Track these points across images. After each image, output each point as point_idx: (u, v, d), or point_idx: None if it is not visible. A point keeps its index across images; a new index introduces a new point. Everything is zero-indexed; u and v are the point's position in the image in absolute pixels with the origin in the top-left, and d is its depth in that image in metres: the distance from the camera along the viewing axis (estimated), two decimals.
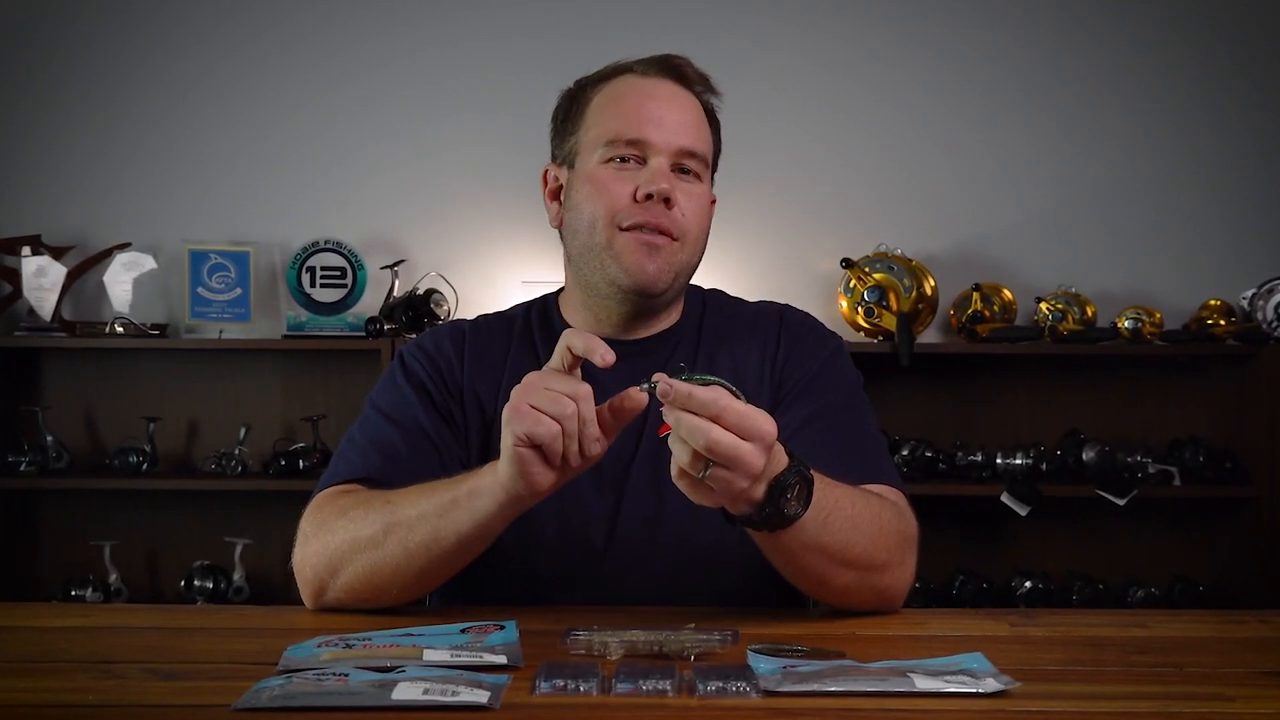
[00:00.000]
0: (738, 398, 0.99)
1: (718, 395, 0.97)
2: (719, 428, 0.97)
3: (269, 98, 3.37)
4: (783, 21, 3.36)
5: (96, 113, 3.36)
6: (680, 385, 0.98)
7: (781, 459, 1.05)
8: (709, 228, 1.38)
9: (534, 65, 3.21)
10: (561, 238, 1.39)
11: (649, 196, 1.29)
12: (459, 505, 1.13)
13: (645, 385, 1.01)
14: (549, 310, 1.44)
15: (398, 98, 3.36)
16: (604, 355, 1.03)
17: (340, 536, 1.20)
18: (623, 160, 1.32)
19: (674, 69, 1.36)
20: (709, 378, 1.00)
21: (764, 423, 0.99)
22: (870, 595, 1.20)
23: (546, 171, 1.42)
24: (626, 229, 1.30)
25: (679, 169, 1.33)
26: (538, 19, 3.33)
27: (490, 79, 3.34)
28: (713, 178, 1.42)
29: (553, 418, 1.03)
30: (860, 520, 1.14)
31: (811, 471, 1.08)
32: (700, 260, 1.38)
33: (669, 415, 0.99)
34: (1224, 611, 1.36)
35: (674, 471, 1.02)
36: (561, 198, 1.39)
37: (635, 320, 1.37)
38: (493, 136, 3.29)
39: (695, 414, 0.97)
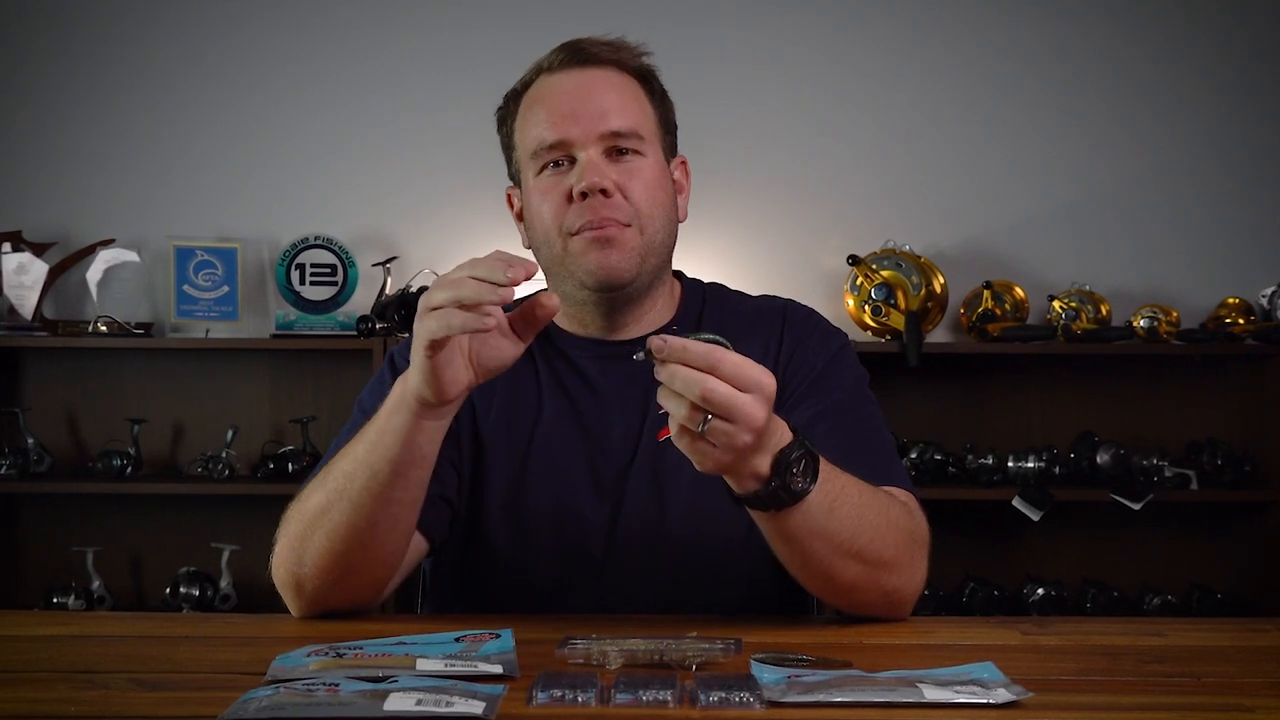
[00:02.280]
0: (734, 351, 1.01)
1: (712, 348, 0.99)
2: (714, 378, 0.98)
3: (257, 89, 3.37)
4: (787, 12, 3.36)
5: (79, 105, 3.36)
6: (675, 340, 0.99)
7: (785, 433, 1.06)
8: (670, 198, 1.37)
9: (531, 56, 3.21)
10: (534, 256, 1.39)
11: (585, 195, 1.29)
12: (383, 432, 1.15)
13: (639, 353, 1.01)
14: None
15: (390, 89, 3.36)
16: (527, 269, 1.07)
17: (296, 521, 1.21)
18: (555, 165, 1.32)
19: (577, 53, 1.36)
20: (704, 335, 1.01)
21: (761, 375, 1.00)
22: (878, 595, 1.19)
23: (509, 195, 1.44)
24: (576, 233, 1.30)
25: (615, 151, 1.32)
26: (534, 8, 3.33)
27: (485, 70, 3.32)
28: (673, 139, 1.41)
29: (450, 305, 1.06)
30: (867, 510, 1.15)
31: (816, 450, 1.09)
32: (672, 234, 1.38)
33: (662, 372, 1.00)
34: (1243, 619, 1.36)
35: (673, 430, 1.02)
36: (524, 218, 1.40)
37: (622, 314, 1.37)
38: (488, 129, 3.26)
39: (690, 367, 0.99)
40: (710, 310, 1.43)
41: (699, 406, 0.99)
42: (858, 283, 3.17)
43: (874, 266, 3.15)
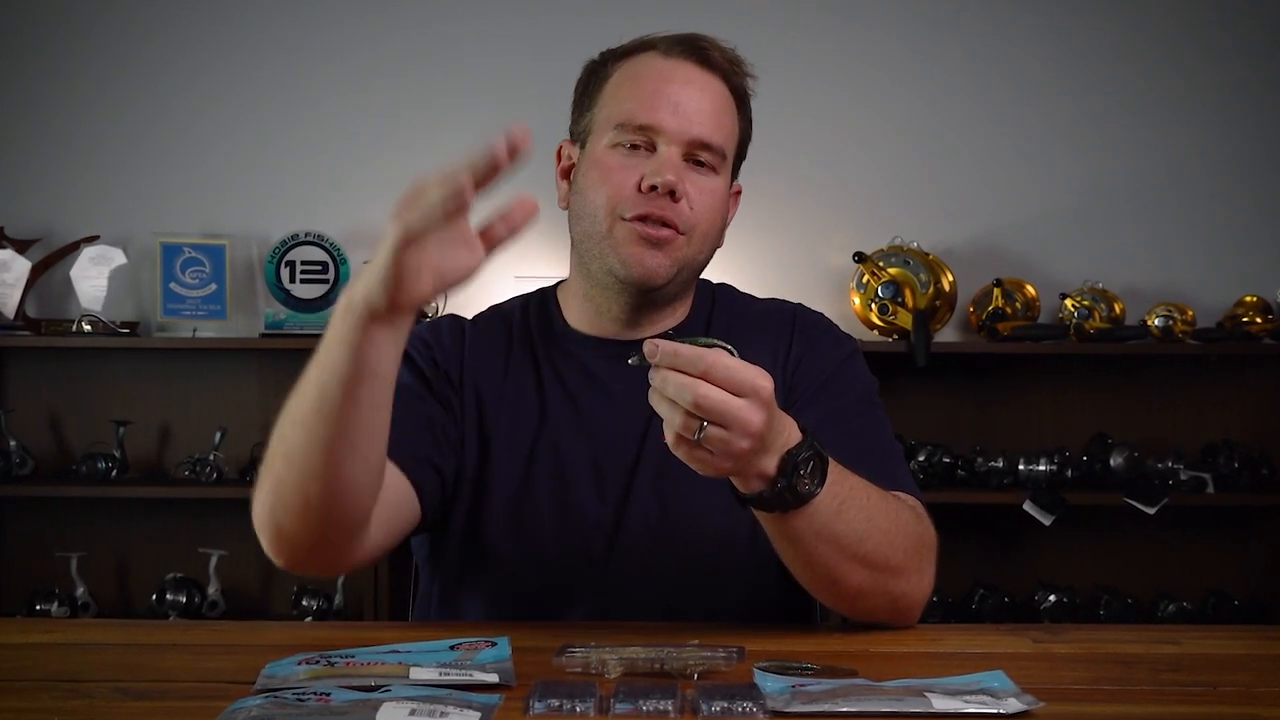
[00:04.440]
0: (732, 355, 1.00)
1: (704, 352, 0.98)
2: (706, 383, 0.98)
3: (246, 81, 3.37)
4: (792, 4, 3.36)
5: (63, 98, 3.36)
6: (666, 344, 0.99)
7: (795, 434, 1.06)
8: (723, 222, 1.38)
9: (528, 47, 3.21)
10: (568, 220, 1.39)
11: (654, 188, 1.29)
12: (329, 346, 1.08)
13: (632, 358, 1.01)
14: (548, 305, 1.44)
15: (382, 81, 3.36)
16: (512, 137, 0.99)
17: (266, 462, 1.18)
18: (632, 146, 1.31)
19: (698, 50, 1.35)
20: (700, 339, 1.01)
21: (756, 377, 1.00)
22: (885, 601, 1.20)
23: (561, 147, 1.41)
24: (629, 220, 1.30)
25: (692, 159, 1.32)
26: (529, 1, 3.34)
27: (481, 61, 3.34)
28: (738, 164, 1.42)
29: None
30: (876, 514, 1.15)
31: (826, 452, 1.08)
32: (710, 255, 1.38)
33: (655, 377, 0.99)
34: (1261, 627, 1.37)
35: (670, 439, 1.02)
36: (571, 177, 1.38)
37: (638, 314, 1.37)
38: (483, 123, 3.29)
39: (683, 372, 0.98)
40: (719, 311, 1.44)
41: (693, 413, 0.99)
42: (864, 281, 3.17)
43: (881, 264, 3.15)
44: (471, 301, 3.20)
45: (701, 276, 1.47)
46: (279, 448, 1.15)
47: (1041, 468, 3.10)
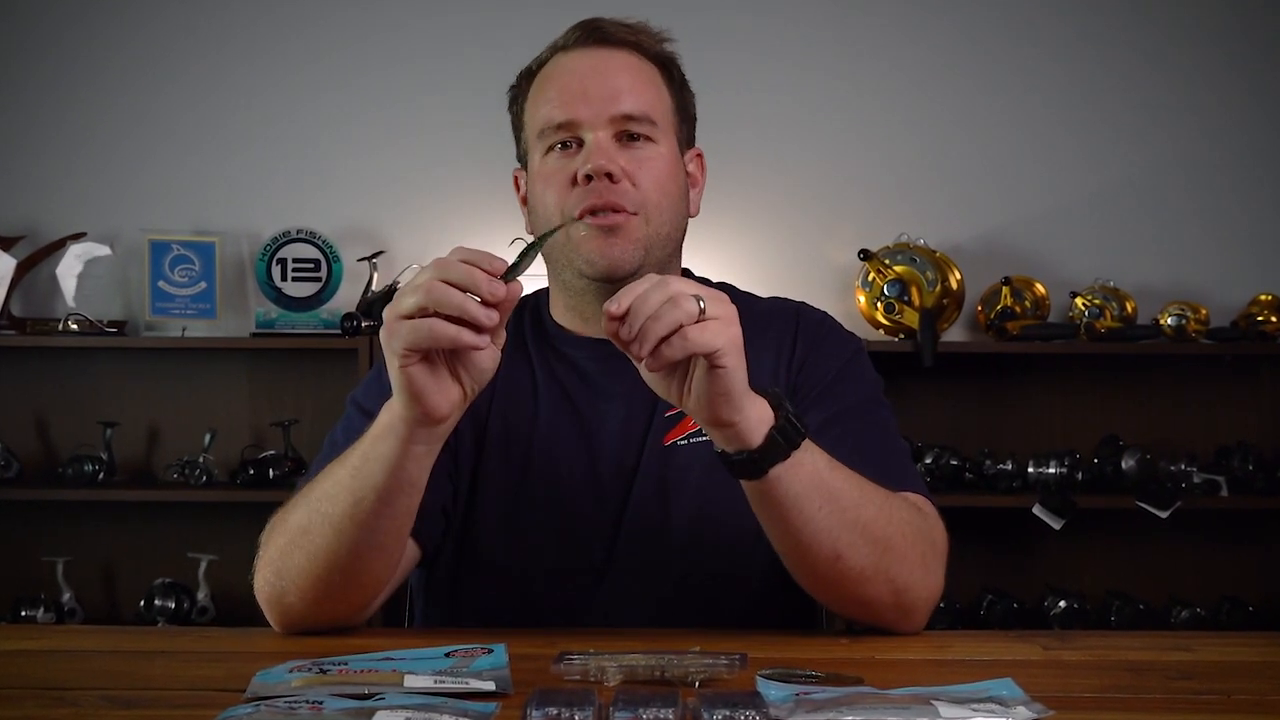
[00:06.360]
0: None
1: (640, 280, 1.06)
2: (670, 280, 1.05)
3: (237, 74, 3.37)
4: None
5: (49, 91, 3.35)
6: (613, 301, 1.04)
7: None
8: (680, 189, 1.38)
9: (525, 40, 3.20)
10: None
11: (590, 177, 1.30)
12: (368, 458, 1.14)
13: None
14: (540, 309, 1.45)
15: (376, 75, 3.36)
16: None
17: (279, 534, 1.21)
18: (563, 146, 1.33)
19: (596, 33, 1.37)
20: None
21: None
22: (888, 592, 1.19)
23: (516, 177, 1.44)
24: (578, 218, 1.31)
25: (626, 136, 1.33)
26: None
27: (476, 55, 3.33)
28: (690, 129, 1.42)
29: (429, 313, 1.04)
30: (866, 485, 1.17)
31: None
32: (677, 227, 1.38)
33: (641, 309, 1.03)
34: (1275, 634, 1.37)
35: (675, 347, 1.03)
36: (528, 202, 1.40)
37: None
38: (478, 118, 3.26)
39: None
40: None
41: (680, 300, 1.02)
42: (869, 279, 3.17)
43: (887, 262, 3.15)
44: None
45: (703, 276, 1.47)
46: (302, 540, 1.18)
47: (1051, 470, 3.10)
